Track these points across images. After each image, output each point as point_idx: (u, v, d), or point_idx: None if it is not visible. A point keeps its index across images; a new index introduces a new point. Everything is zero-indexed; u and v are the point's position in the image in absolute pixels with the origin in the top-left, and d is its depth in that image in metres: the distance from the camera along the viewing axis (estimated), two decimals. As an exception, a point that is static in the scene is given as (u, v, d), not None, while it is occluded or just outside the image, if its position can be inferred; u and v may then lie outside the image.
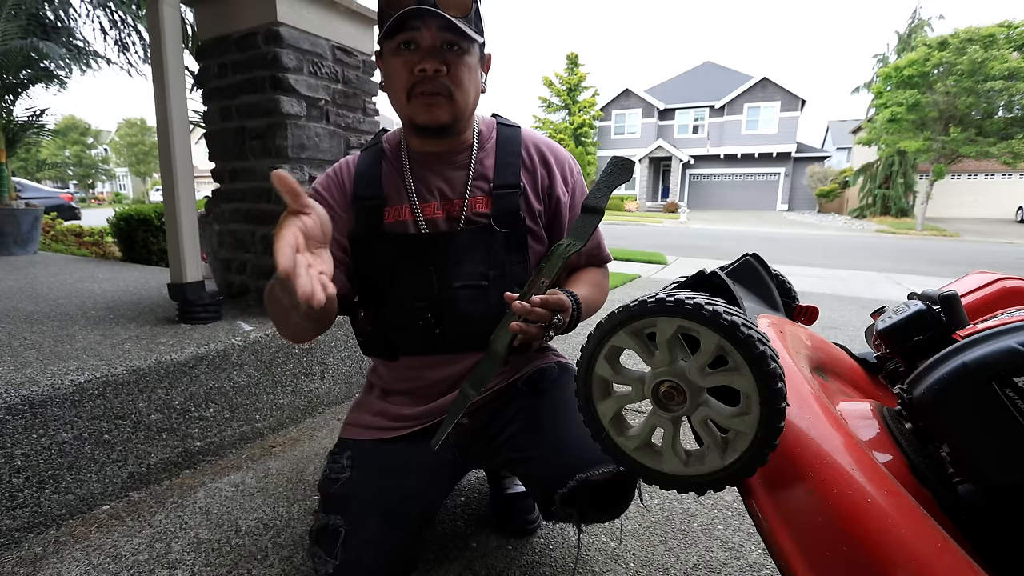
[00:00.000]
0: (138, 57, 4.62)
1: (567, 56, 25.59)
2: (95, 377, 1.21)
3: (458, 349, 0.92)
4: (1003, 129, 15.85)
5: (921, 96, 16.48)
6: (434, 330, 0.90)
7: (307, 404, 1.74)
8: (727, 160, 26.66)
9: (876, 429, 0.57)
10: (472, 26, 0.81)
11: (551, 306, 0.75)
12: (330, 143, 1.86)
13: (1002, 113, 16.09)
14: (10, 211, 3.57)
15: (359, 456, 0.92)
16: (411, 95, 0.83)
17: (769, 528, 0.49)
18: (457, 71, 0.82)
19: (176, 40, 1.63)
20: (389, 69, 0.84)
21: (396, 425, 0.96)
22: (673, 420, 0.54)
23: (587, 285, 0.95)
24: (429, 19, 0.78)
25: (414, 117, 0.85)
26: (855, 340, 2.77)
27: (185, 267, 1.68)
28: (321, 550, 0.81)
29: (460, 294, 0.88)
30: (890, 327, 0.63)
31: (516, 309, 0.74)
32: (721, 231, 14.40)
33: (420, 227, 0.89)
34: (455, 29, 0.79)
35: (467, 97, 0.85)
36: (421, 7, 0.76)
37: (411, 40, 0.80)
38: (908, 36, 24.18)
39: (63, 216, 6.68)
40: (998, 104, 15.90)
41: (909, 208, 20.66)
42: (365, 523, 0.82)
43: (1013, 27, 15.36)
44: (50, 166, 13.02)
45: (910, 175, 20.93)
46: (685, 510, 1.24)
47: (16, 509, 1.09)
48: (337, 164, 0.98)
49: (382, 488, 0.87)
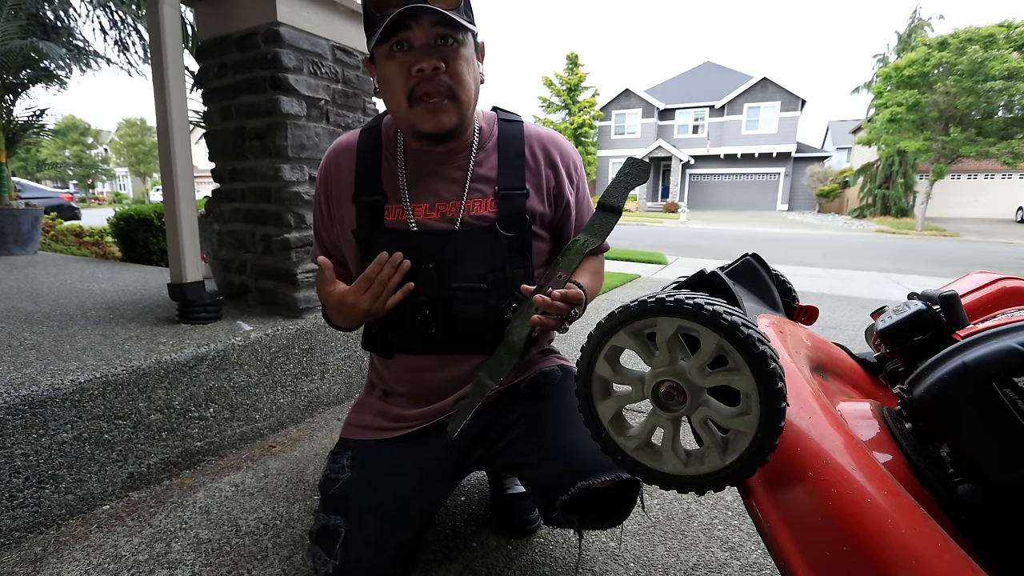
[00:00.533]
0: (138, 57, 4.63)
1: (567, 56, 25.58)
2: (95, 377, 1.21)
3: (454, 350, 0.92)
4: (1003, 129, 15.86)
5: (921, 96, 16.49)
6: (430, 329, 0.89)
7: (307, 404, 1.74)
8: (727, 160, 26.66)
9: (876, 429, 0.57)
10: (464, 16, 0.79)
11: (570, 299, 0.78)
12: (330, 143, 1.84)
13: (1002, 113, 16.09)
14: (10, 211, 3.57)
15: (359, 456, 0.92)
16: (412, 99, 0.81)
17: (769, 528, 0.49)
18: (456, 66, 0.80)
19: (176, 40, 1.63)
20: (384, 74, 0.82)
21: (396, 425, 0.95)
22: (673, 420, 0.54)
23: (589, 274, 0.96)
24: (421, 16, 0.76)
25: (418, 124, 0.83)
26: (855, 340, 2.77)
27: (185, 267, 1.68)
28: (321, 550, 0.81)
29: (458, 295, 0.88)
30: (890, 327, 0.63)
31: (537, 302, 0.76)
32: (721, 231, 14.40)
33: (411, 227, 0.88)
34: (449, 22, 0.77)
35: (469, 93, 0.83)
36: (412, 5, 0.74)
37: (404, 40, 0.78)
38: (908, 36, 24.19)
39: (63, 216, 6.69)
40: (998, 104, 15.90)
41: (909, 208, 20.67)
42: (365, 523, 0.82)
43: (1013, 27, 15.36)
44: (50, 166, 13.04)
45: (910, 175, 20.94)
46: (685, 510, 1.24)
47: (16, 509, 1.09)
48: (334, 154, 0.95)
49: (382, 488, 0.87)
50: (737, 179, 26.93)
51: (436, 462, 0.93)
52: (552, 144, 0.95)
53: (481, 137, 0.92)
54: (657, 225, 16.57)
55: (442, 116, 0.82)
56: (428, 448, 0.93)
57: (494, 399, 0.96)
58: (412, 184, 0.90)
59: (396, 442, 0.94)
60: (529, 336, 0.81)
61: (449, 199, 0.89)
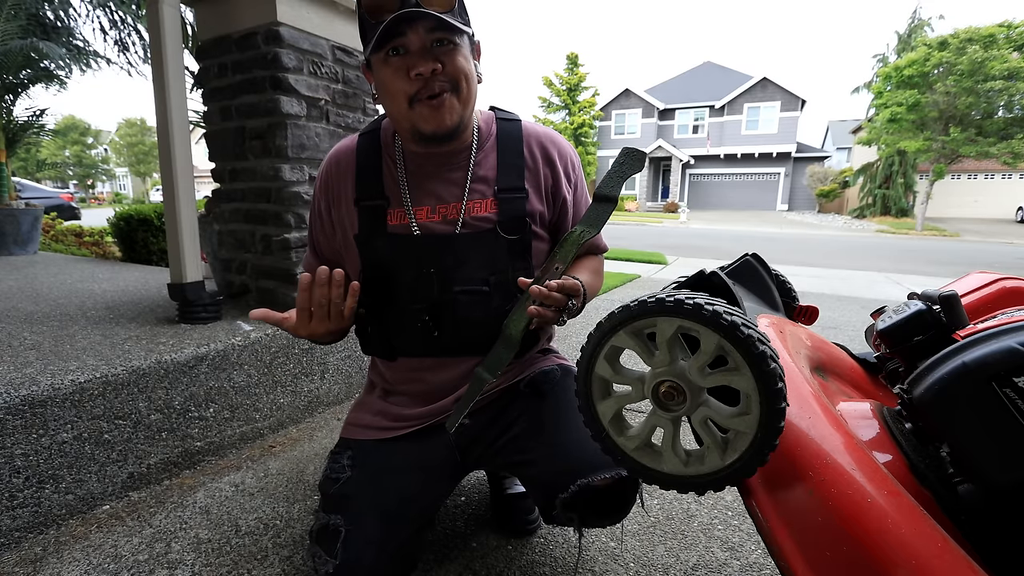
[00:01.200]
0: (138, 57, 4.63)
1: (567, 56, 25.58)
2: (95, 377, 1.21)
3: (457, 352, 0.91)
4: (1003, 129, 15.87)
5: (921, 96, 16.49)
6: (432, 332, 0.89)
7: (307, 404, 1.74)
8: (727, 160, 26.66)
9: (876, 429, 0.57)
10: (459, 18, 0.79)
11: (567, 290, 0.77)
12: (330, 143, 1.85)
13: (1002, 113, 16.10)
14: (10, 211, 3.57)
15: (359, 456, 0.92)
16: (413, 100, 0.80)
17: (769, 528, 0.49)
18: (453, 67, 0.80)
19: (176, 40, 1.63)
20: (382, 79, 0.81)
21: (396, 425, 0.95)
22: (673, 420, 0.54)
23: (588, 272, 0.96)
24: (416, 21, 0.76)
25: (419, 125, 0.82)
26: (855, 340, 2.77)
27: (185, 267, 1.68)
28: (321, 549, 0.81)
29: (460, 298, 0.87)
30: (890, 327, 0.63)
31: (534, 293, 0.75)
32: (721, 231, 14.40)
33: (413, 231, 0.88)
34: (444, 25, 0.77)
35: (468, 92, 0.83)
36: (406, 11, 0.74)
37: (400, 46, 0.78)
38: (908, 36, 24.19)
39: (63, 216, 6.69)
40: (998, 104, 15.91)
41: (909, 208, 20.67)
42: (365, 523, 0.82)
43: (1013, 27, 15.36)
44: (50, 166, 13.04)
45: (910, 175, 20.94)
46: (685, 510, 1.24)
47: (16, 509, 1.09)
48: (335, 158, 0.94)
49: (382, 488, 0.87)
50: (737, 179, 26.93)
51: (436, 461, 0.93)
52: (550, 142, 0.95)
53: (480, 136, 0.92)
54: (657, 225, 16.58)
55: (443, 114, 0.81)
56: (428, 448, 0.93)
57: (494, 397, 0.96)
58: (413, 187, 0.89)
59: (396, 442, 0.94)
60: (526, 328, 0.81)
61: (450, 200, 0.89)
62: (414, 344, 0.92)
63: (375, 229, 0.89)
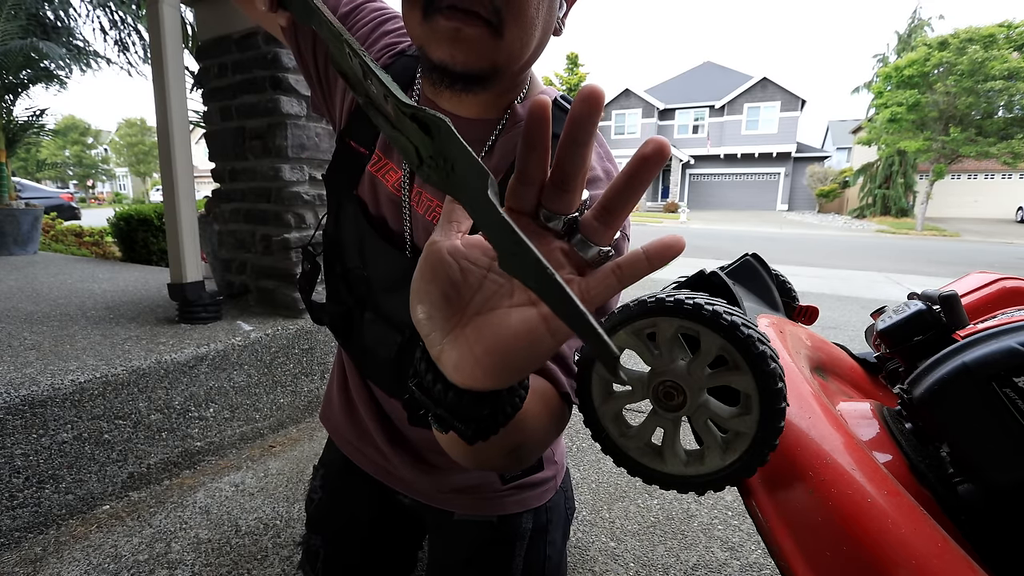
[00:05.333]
0: (138, 57, 4.63)
1: (567, 56, 25.57)
2: (95, 377, 1.21)
3: (363, 370, 0.72)
4: (1003, 129, 15.88)
5: (921, 96, 16.51)
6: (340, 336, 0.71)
7: (307, 404, 1.74)
8: (727, 160, 26.67)
9: (876, 429, 0.57)
10: None
11: None
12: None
13: (1002, 113, 16.11)
14: (10, 211, 3.57)
15: (329, 478, 0.83)
16: (430, 8, 0.47)
17: (769, 528, 0.49)
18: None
19: (176, 40, 1.63)
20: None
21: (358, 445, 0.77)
22: (673, 420, 0.54)
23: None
24: None
25: (429, 48, 0.49)
26: (855, 340, 2.77)
27: (185, 267, 1.68)
28: (309, 566, 0.79)
29: (373, 328, 0.65)
30: (890, 327, 0.63)
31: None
32: (721, 231, 14.39)
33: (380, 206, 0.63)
34: None
35: (527, 34, 0.49)
36: None
37: None
38: (908, 36, 24.19)
39: (63, 216, 6.69)
40: (998, 104, 15.93)
41: (909, 208, 20.67)
42: (341, 547, 0.78)
43: (1013, 27, 15.37)
44: (50, 166, 13.04)
45: (910, 175, 20.95)
46: (685, 510, 1.24)
47: (16, 509, 1.09)
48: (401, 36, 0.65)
49: (352, 517, 0.79)
50: (737, 179, 26.93)
51: (396, 528, 0.81)
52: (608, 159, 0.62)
53: (514, 116, 0.59)
54: (657, 225, 16.57)
55: (467, 46, 0.48)
56: (388, 509, 0.80)
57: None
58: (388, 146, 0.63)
59: (362, 474, 0.78)
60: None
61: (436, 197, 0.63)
62: (336, 329, 0.70)
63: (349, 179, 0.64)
